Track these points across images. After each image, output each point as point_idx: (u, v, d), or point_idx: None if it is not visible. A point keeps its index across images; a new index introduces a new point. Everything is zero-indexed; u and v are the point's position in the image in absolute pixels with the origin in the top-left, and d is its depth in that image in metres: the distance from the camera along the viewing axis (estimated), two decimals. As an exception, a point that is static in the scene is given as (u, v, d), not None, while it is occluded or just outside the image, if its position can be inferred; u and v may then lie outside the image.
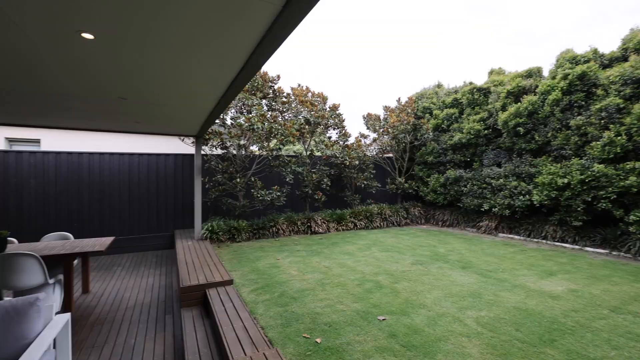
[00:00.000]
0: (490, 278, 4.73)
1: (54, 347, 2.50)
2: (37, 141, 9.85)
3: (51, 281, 3.84)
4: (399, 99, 11.03)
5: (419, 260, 5.81)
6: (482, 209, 8.45)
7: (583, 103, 6.87)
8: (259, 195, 7.72)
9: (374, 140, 10.95)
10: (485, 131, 8.88)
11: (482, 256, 6.06)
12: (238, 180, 7.62)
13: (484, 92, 9.32)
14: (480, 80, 12.11)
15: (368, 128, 11.18)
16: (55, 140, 9.73)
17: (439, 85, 12.00)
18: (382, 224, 9.56)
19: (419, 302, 3.86)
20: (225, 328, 3.04)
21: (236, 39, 2.24)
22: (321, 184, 9.02)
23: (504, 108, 8.37)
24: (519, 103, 7.89)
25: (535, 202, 7.21)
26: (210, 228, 7.15)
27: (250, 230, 7.69)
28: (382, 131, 10.68)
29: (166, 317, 3.91)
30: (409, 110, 10.66)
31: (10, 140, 9.68)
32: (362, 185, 9.72)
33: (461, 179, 9.23)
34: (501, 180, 8.02)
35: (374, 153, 10.92)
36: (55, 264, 4.16)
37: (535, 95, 7.84)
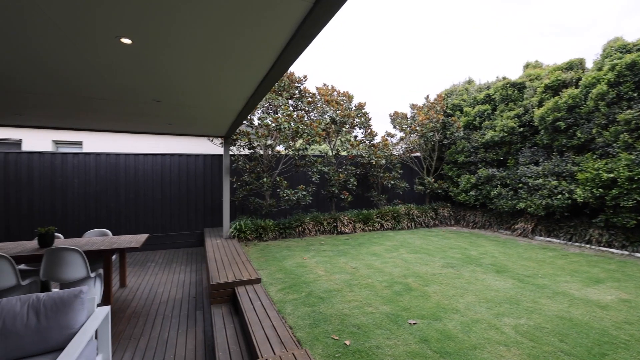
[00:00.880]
0: (528, 284, 4.45)
1: (96, 338, 2.62)
2: (80, 143, 10.53)
3: (92, 275, 4.06)
4: (427, 96, 10.72)
5: (449, 263, 5.59)
6: (517, 209, 8.00)
7: (635, 95, 6.31)
8: (285, 195, 7.78)
9: (401, 139, 10.71)
10: (520, 128, 8.41)
11: (518, 260, 5.73)
12: (265, 180, 7.71)
13: (519, 87, 8.83)
14: (514, 74, 11.50)
15: (395, 127, 10.95)
16: (95, 142, 10.36)
17: (470, 81, 11.53)
18: (409, 224, 9.33)
19: (451, 306, 3.70)
20: (254, 326, 3.07)
21: (266, 39, 2.24)
22: (347, 184, 8.95)
23: (540, 103, 7.89)
24: (557, 97, 7.39)
25: (577, 200, 6.71)
26: (238, 227, 7.29)
27: (276, 229, 7.76)
28: (410, 130, 10.42)
29: (197, 313, 4.02)
30: (438, 108, 10.32)
31: (57, 143, 10.41)
32: (389, 185, 9.53)
33: (494, 178, 8.80)
34: (539, 179, 7.55)
35: (401, 152, 10.68)
36: (96, 258, 4.41)
37: (576, 88, 7.31)
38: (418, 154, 10.82)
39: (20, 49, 2.38)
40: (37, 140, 9.86)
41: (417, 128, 10.12)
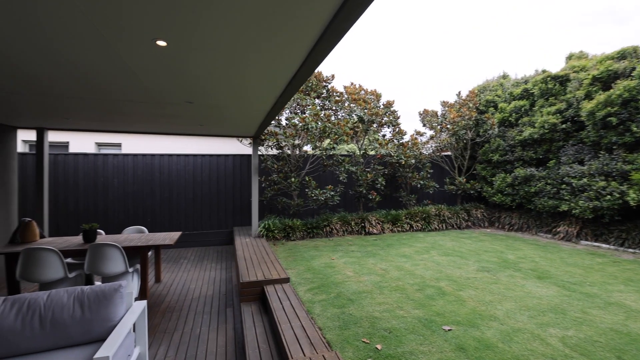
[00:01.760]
0: (575, 292, 4.11)
1: (134, 331, 2.72)
2: (119, 145, 11.16)
3: (131, 270, 4.25)
4: (459, 92, 10.30)
5: (484, 266, 5.31)
6: (559, 211, 7.46)
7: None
8: (312, 195, 7.78)
9: (431, 137, 10.37)
10: (563, 124, 7.84)
11: (562, 266, 5.33)
12: (292, 179, 7.75)
13: (561, 80, 8.24)
14: (554, 67, 10.75)
15: (424, 125, 10.62)
16: (133, 144, 10.94)
17: (505, 76, 10.94)
18: (440, 226, 9.00)
19: (489, 313, 3.49)
20: (284, 326, 3.06)
21: (297, 35, 2.20)
22: (375, 184, 8.79)
23: (588, 97, 7.30)
24: (611, 90, 6.79)
25: (631, 202, 6.14)
26: (266, 226, 7.38)
27: (304, 229, 7.78)
28: (440, 128, 10.06)
29: (227, 310, 4.08)
30: (471, 105, 9.88)
31: (99, 145, 11.10)
32: (418, 185, 9.25)
33: (532, 178, 8.28)
34: (585, 179, 7.00)
35: (431, 151, 10.33)
36: (134, 254, 4.62)
37: (631, 80, 6.68)
38: (449, 153, 10.42)
39: (63, 54, 2.51)
40: (81, 143, 10.57)
41: (448, 126, 9.75)
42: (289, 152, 8.21)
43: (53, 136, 9.97)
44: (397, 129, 9.63)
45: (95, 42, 2.29)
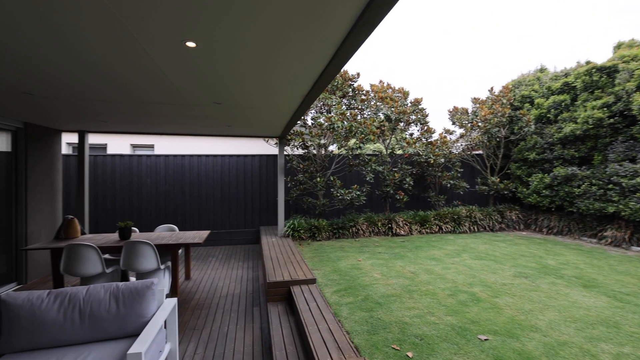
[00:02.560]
0: (629, 304, 3.75)
1: (165, 327, 2.78)
2: (152, 146, 11.66)
3: (162, 267, 4.38)
4: (492, 88, 9.81)
5: (522, 272, 4.99)
6: (606, 213, 6.88)
7: None
8: (338, 195, 7.70)
9: (461, 136, 9.95)
10: (611, 119, 7.22)
11: (611, 274, 4.89)
12: (318, 179, 7.72)
13: (608, 71, 7.60)
14: (600, 58, 9.94)
15: (454, 123, 10.21)
16: (165, 145, 11.39)
17: (542, 70, 10.28)
18: (471, 228, 8.61)
19: (529, 323, 3.25)
20: (311, 328, 3.01)
21: (326, 31, 2.14)
22: (403, 184, 8.56)
23: None
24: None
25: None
26: (292, 226, 7.40)
27: (330, 229, 7.71)
28: (471, 126, 9.63)
29: (254, 310, 4.10)
30: (504, 101, 9.37)
31: (134, 146, 11.66)
32: (448, 185, 8.91)
33: (575, 178, 7.70)
34: (637, 178, 6.40)
35: (460, 150, 9.91)
36: (165, 251, 4.76)
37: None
38: (480, 152, 9.95)
39: (100, 59, 2.61)
40: (118, 145, 11.15)
41: (480, 123, 9.31)
42: (314, 151, 8.18)
43: (93, 138, 10.59)
44: (425, 127, 9.33)
45: (130, 47, 2.35)
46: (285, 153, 8.08)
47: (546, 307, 3.65)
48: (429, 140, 9.24)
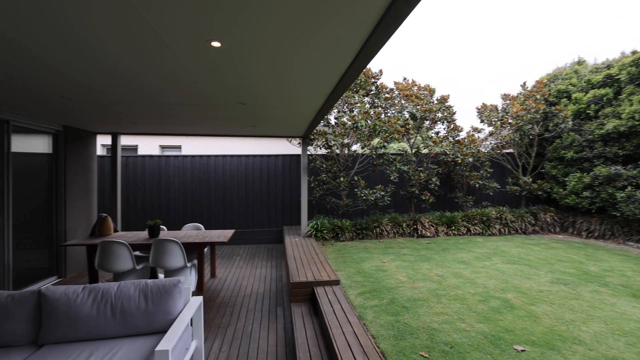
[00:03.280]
0: (686, 315, 3.40)
1: (191, 325, 2.82)
2: (179, 147, 12.05)
3: (189, 264, 4.48)
4: (524, 83, 9.31)
5: (560, 278, 4.67)
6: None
7: None
8: (362, 195, 7.58)
9: (490, 134, 9.51)
10: (661, 114, 6.64)
11: (663, 282, 4.47)
12: (341, 179, 7.64)
13: (658, 62, 6.98)
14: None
15: (482, 121, 9.79)
16: (191, 145, 11.73)
17: (580, 62, 9.62)
18: (502, 230, 8.21)
19: (572, 335, 3.02)
20: (335, 331, 2.95)
21: (351, 25, 2.07)
22: (429, 184, 8.31)
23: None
24: None
25: None
26: (315, 226, 7.36)
27: (353, 229, 7.61)
28: (501, 123, 9.18)
29: (277, 309, 4.10)
30: (538, 96, 8.86)
31: (162, 147, 12.10)
32: (476, 186, 8.54)
33: (619, 177, 7.14)
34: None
35: (489, 149, 9.48)
36: (192, 250, 4.87)
37: None
38: (511, 150, 9.47)
39: (130, 63, 2.68)
40: (148, 146, 11.61)
41: (511, 121, 8.86)
42: (337, 151, 8.11)
43: (125, 140, 11.09)
44: (452, 126, 9.01)
45: (156, 50, 2.39)
46: (308, 153, 8.07)
47: (590, 317, 3.38)
48: (456, 138, 8.91)
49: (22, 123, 4.70)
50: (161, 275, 4.82)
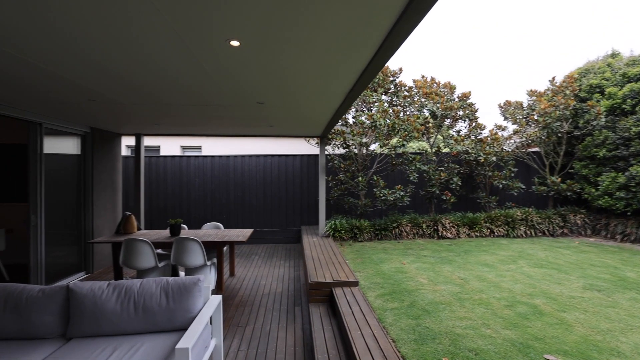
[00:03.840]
0: None
1: (210, 323, 2.84)
2: (199, 147, 12.31)
3: (208, 263, 4.54)
4: (553, 78, 8.87)
5: (593, 284, 4.40)
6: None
7: None
8: (381, 195, 7.46)
9: (515, 132, 9.13)
10: None
11: None
12: (360, 179, 7.55)
13: (703, 53, 6.47)
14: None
15: (506, 119, 9.41)
16: (211, 146, 11.95)
17: (614, 55, 9.08)
18: (527, 232, 7.86)
19: (609, 345, 2.82)
20: (354, 333, 2.89)
21: (372, 18, 2.01)
22: (450, 184, 8.08)
23: None
24: None
25: None
26: (333, 226, 7.31)
27: (372, 230, 7.51)
28: (526, 121, 8.80)
29: (295, 309, 4.08)
30: (568, 92, 8.43)
31: (183, 148, 12.40)
32: (500, 186, 8.22)
33: (658, 178, 6.68)
34: None
35: (514, 147, 9.10)
36: (211, 248, 4.93)
37: None
38: (537, 149, 9.05)
39: (146, 59, 2.73)
40: (170, 146, 11.93)
41: (537, 118, 8.47)
42: (355, 151, 8.03)
43: (148, 141, 11.43)
44: (474, 124, 8.72)
45: (172, 45, 2.40)
46: (326, 152, 8.03)
47: (629, 327, 3.16)
48: (479, 137, 8.62)
49: (53, 125, 4.92)
50: (182, 273, 4.91)
